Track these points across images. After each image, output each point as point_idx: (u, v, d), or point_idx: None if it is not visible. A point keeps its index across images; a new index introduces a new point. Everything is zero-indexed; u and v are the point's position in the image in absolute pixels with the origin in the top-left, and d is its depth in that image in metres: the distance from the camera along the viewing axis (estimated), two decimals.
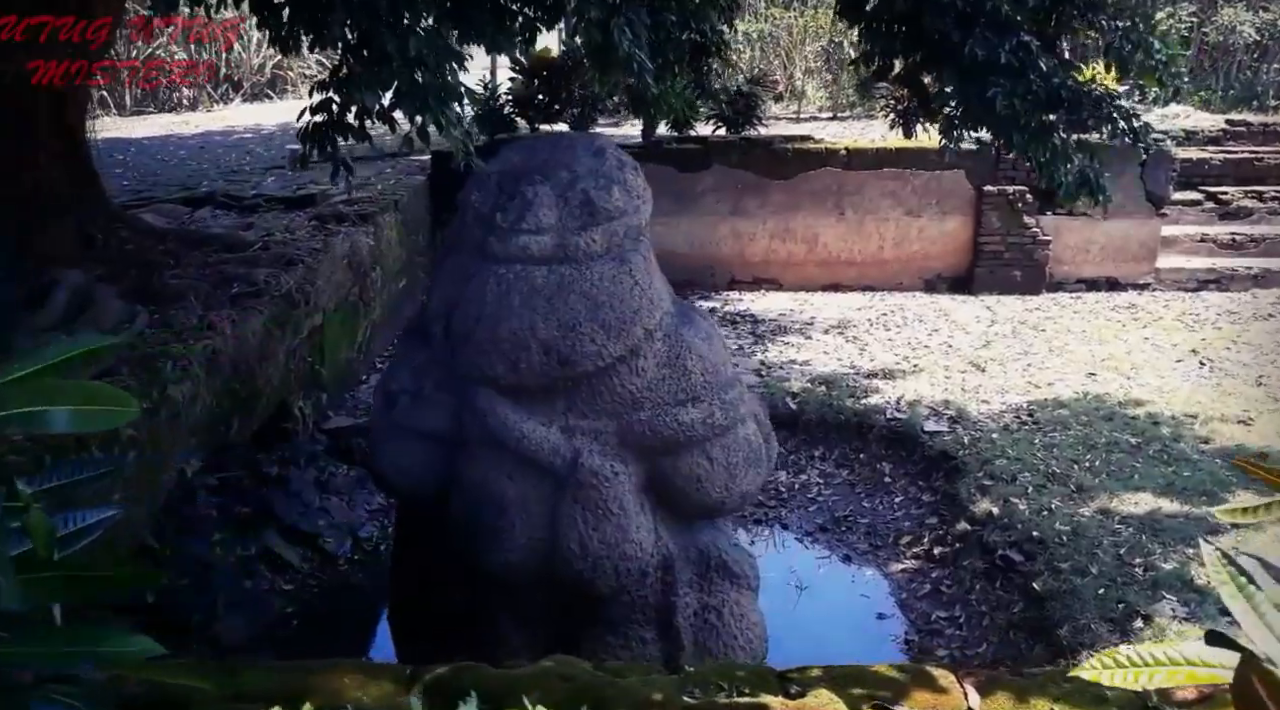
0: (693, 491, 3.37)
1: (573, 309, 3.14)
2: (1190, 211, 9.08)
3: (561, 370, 3.17)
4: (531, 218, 3.18)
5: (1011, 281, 8.28)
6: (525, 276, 3.17)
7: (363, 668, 1.51)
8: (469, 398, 3.31)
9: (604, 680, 1.46)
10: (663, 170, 8.45)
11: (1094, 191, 4.15)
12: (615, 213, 3.26)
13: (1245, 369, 6.33)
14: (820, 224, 8.54)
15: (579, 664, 1.61)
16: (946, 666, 1.56)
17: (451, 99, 3.04)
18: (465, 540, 3.44)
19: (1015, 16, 3.72)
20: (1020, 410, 5.51)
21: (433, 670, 1.48)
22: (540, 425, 3.25)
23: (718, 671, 1.52)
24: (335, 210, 6.31)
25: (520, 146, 3.48)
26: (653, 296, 3.27)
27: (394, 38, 2.77)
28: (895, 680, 1.41)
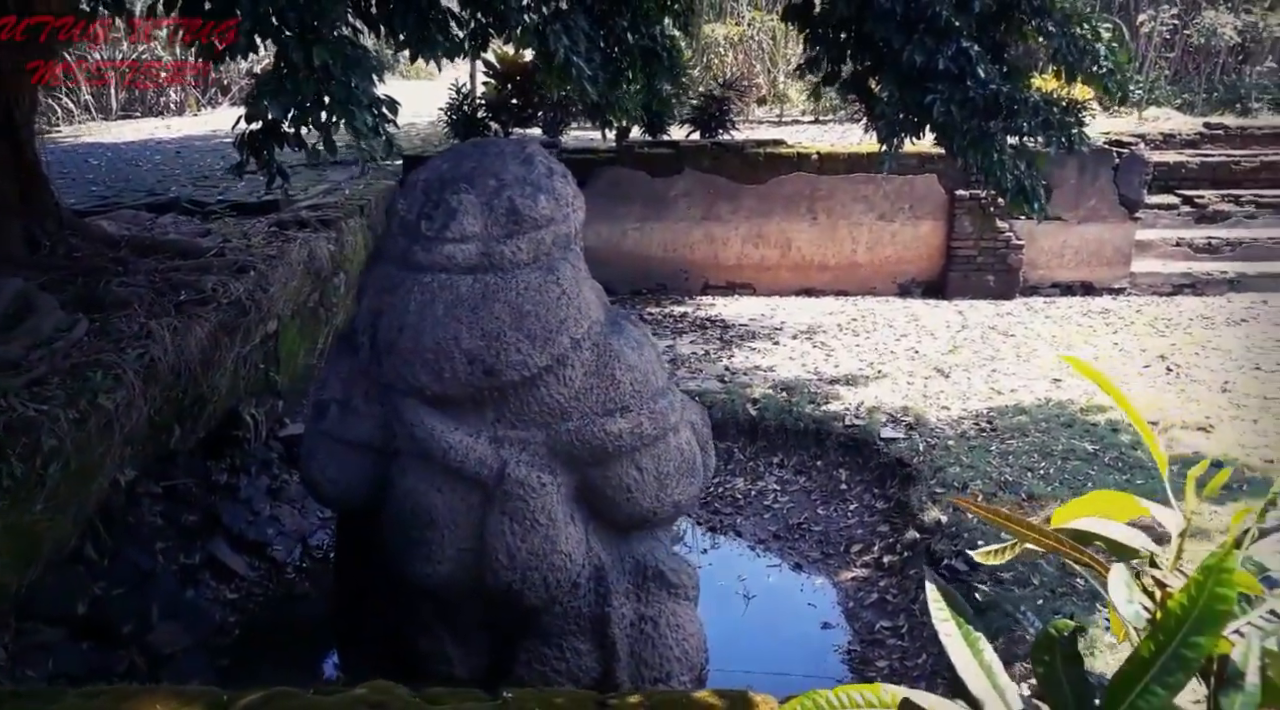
0: (623, 501, 3.34)
1: (498, 318, 3.11)
2: (1166, 215, 9.07)
3: (487, 380, 3.14)
4: (456, 226, 3.15)
5: (985, 286, 8.26)
6: (449, 285, 3.14)
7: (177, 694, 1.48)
8: (396, 408, 3.28)
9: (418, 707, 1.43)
10: (635, 175, 8.45)
11: (1029, 200, 4.12)
12: (542, 221, 3.22)
13: (1212, 375, 6.31)
14: (793, 228, 8.53)
15: (395, 689, 1.58)
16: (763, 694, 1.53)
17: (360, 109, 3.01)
18: (395, 551, 3.42)
19: (955, 23, 3.69)
20: (980, 417, 5.48)
21: (246, 696, 1.45)
22: (467, 436, 3.22)
23: (537, 699, 1.49)
24: (297, 216, 6.29)
25: (448, 154, 3.45)
26: (581, 305, 3.24)
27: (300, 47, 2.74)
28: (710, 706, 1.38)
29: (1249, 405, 5.73)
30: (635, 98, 5.31)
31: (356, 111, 2.97)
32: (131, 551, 4.00)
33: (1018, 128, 3.97)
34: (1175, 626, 0.90)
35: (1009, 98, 3.79)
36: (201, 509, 4.53)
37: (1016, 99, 3.82)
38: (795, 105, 13.43)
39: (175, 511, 4.45)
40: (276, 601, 4.41)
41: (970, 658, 0.99)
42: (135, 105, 14.67)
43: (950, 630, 1.03)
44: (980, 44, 4.19)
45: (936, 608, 1.07)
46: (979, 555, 1.34)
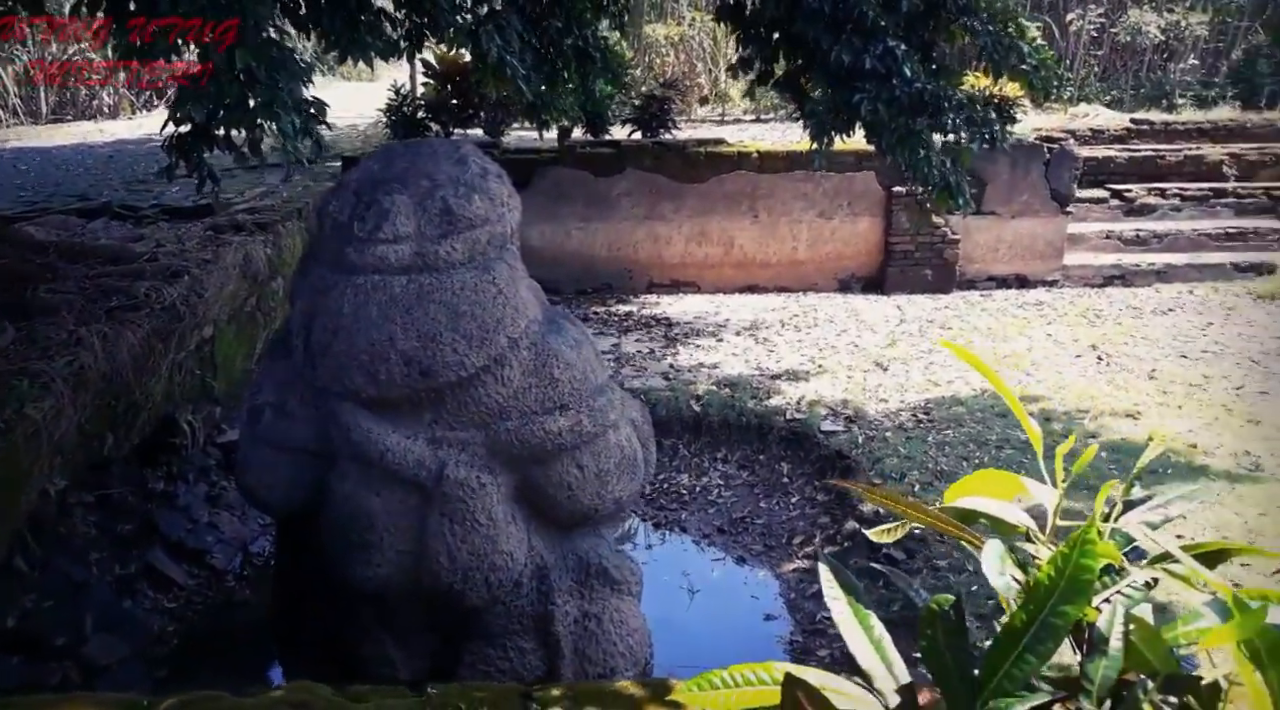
0: (564, 499, 3.35)
1: (433, 319, 3.11)
2: (1097, 209, 9.31)
3: (423, 381, 3.13)
4: (389, 227, 3.14)
5: (923, 280, 8.41)
6: (383, 287, 3.13)
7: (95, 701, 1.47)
8: (332, 412, 3.26)
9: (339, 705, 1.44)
10: (578, 174, 8.46)
11: (954, 195, 4.22)
12: (477, 221, 3.22)
13: (1140, 363, 6.49)
14: (735, 227, 8.60)
15: (317, 689, 1.59)
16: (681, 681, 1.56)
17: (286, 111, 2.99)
18: (334, 555, 3.39)
19: (881, 23, 3.77)
20: (917, 409, 5.59)
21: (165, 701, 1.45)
22: (405, 438, 3.21)
23: (459, 693, 1.51)
24: (233, 220, 6.20)
25: (379, 155, 3.44)
26: (517, 305, 3.25)
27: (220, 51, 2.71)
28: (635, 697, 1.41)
29: (1174, 392, 5.92)
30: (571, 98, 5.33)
31: (282, 114, 2.95)
32: (63, 562, 3.93)
33: (942, 125, 4.06)
34: (1044, 597, 0.95)
35: (934, 96, 3.87)
36: (138, 518, 4.46)
37: (941, 97, 3.91)
38: (737, 104, 13.54)
39: (110, 521, 4.37)
40: (217, 609, 4.35)
41: (860, 633, 1.03)
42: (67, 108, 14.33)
43: (841, 608, 1.07)
44: (909, 43, 4.28)
45: (828, 586, 1.10)
46: (873, 534, 1.39)
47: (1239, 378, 6.19)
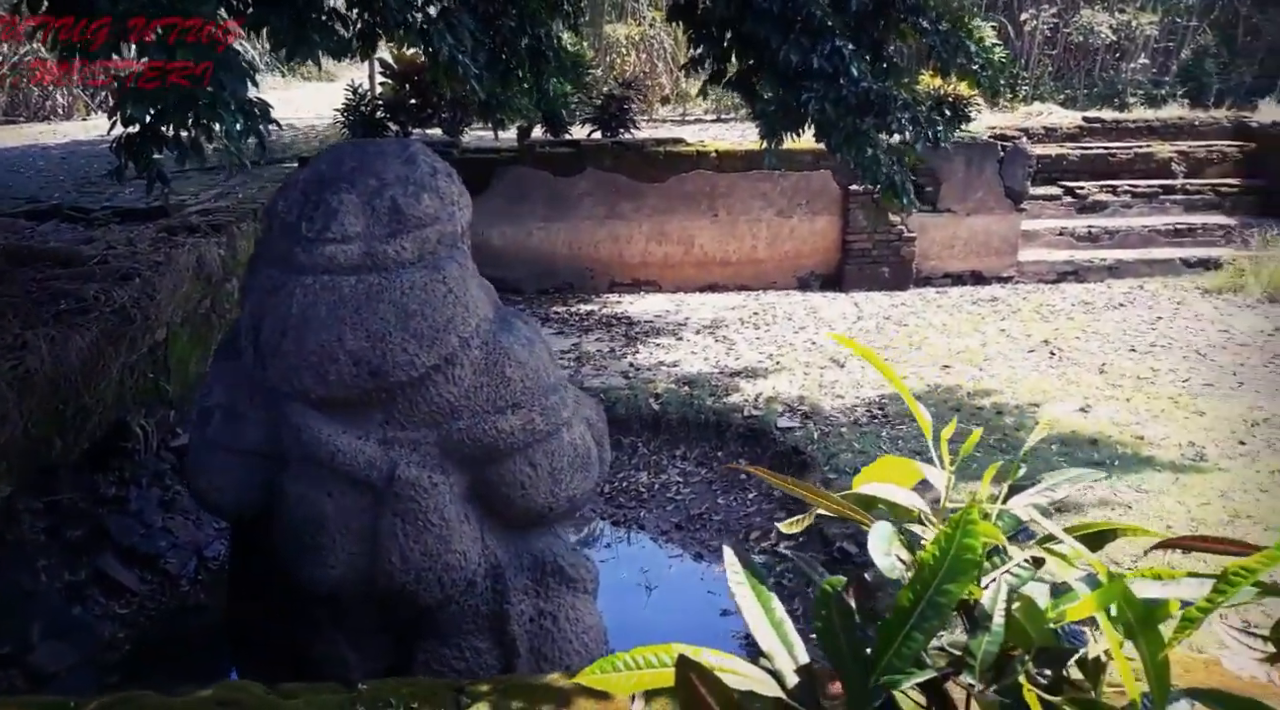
0: (518, 498, 3.36)
1: (382, 319, 3.10)
2: (1050, 206, 9.46)
3: (373, 381, 3.12)
4: (337, 226, 3.13)
5: (880, 278, 8.50)
6: (332, 287, 3.12)
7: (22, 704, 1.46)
8: (282, 413, 3.24)
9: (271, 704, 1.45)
10: (537, 174, 8.46)
11: (898, 194, 4.28)
12: (426, 220, 3.23)
13: (1091, 357, 6.61)
14: (695, 226, 8.64)
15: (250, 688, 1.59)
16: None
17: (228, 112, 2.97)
18: (287, 557, 3.38)
19: (828, 22, 3.81)
20: (872, 404, 5.65)
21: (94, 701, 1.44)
22: (355, 438, 3.20)
23: (390, 689, 1.52)
24: (186, 221, 6.14)
25: (328, 154, 3.43)
26: (468, 304, 3.25)
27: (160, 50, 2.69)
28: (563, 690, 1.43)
29: (1123, 385, 6.03)
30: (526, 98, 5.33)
31: (224, 114, 2.93)
32: (10, 570, 3.87)
33: (887, 124, 4.11)
34: (930, 576, 0.98)
35: (880, 95, 3.93)
36: (88, 523, 4.41)
37: (887, 96, 3.96)
38: (698, 104, 13.58)
39: (59, 527, 4.31)
40: (170, 615, 4.31)
41: (762, 615, 1.05)
42: (19, 110, 14.09)
43: (744, 593, 1.09)
44: (859, 43, 4.33)
45: (732, 572, 1.13)
46: (783, 526, 1.41)
47: (1185, 370, 6.32)
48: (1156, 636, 0.96)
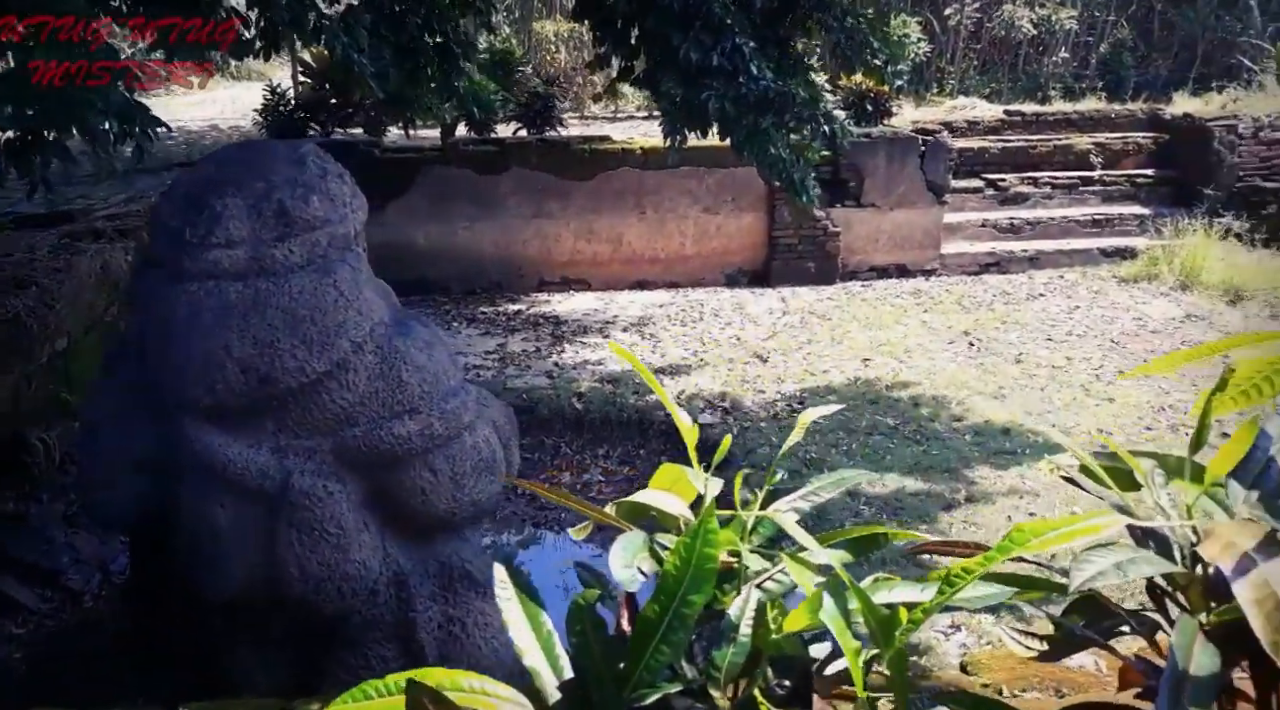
0: (418, 504, 3.31)
1: (270, 325, 3.03)
2: (973, 198, 9.60)
3: (263, 389, 3.05)
4: (221, 231, 3.05)
5: (806, 273, 8.55)
6: (217, 293, 3.04)
7: None
8: (171, 423, 3.15)
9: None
10: (462, 173, 8.37)
11: (798, 192, 4.30)
12: (316, 222, 3.16)
13: (1009, 347, 6.72)
14: (623, 223, 8.62)
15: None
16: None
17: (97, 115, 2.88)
18: (186, 570, 3.30)
19: (727, 20, 3.81)
20: (792, 398, 5.68)
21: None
22: (246, 448, 3.13)
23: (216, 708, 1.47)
24: (92, 226, 5.96)
25: (215, 157, 3.35)
26: (361, 307, 3.19)
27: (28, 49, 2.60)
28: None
29: (1039, 374, 6.14)
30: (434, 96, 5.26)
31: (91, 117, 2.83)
32: None
33: (786, 123, 4.13)
34: (674, 587, 0.97)
35: (779, 93, 3.93)
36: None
37: (787, 94, 3.97)
38: (630, 101, 13.55)
39: None
40: (72, 632, 4.18)
41: (528, 631, 1.04)
42: None
43: (511, 608, 1.07)
44: (764, 40, 4.34)
45: (500, 586, 1.11)
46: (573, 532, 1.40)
47: (1099, 359, 6.46)
48: (892, 640, 0.96)
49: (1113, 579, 0.84)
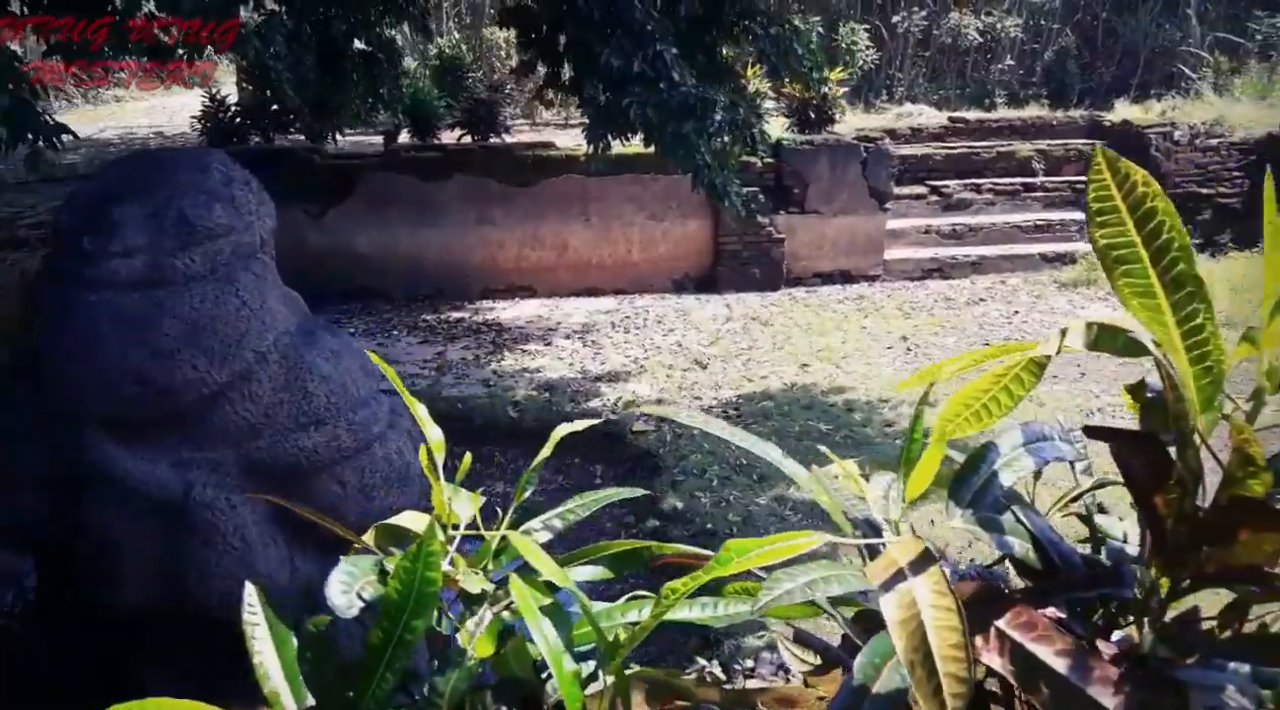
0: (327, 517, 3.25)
1: (169, 335, 2.97)
2: (916, 205, 9.69)
3: (162, 401, 2.99)
4: (119, 240, 2.99)
5: (751, 279, 8.58)
6: (115, 303, 2.98)
7: None
8: (71, 437, 3.08)
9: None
10: (404, 179, 8.31)
11: (720, 197, 4.31)
12: (218, 231, 3.10)
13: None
14: (568, 230, 8.60)
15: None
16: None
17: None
18: (90, 585, 3.22)
19: (648, 27, 3.81)
20: (729, 404, 5.69)
21: None
22: (147, 461, 3.06)
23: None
24: (13, 235, 5.83)
25: (116, 165, 3.29)
26: (265, 317, 3.14)
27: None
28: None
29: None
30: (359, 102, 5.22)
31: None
32: None
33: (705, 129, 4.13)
34: (396, 613, 0.96)
35: (699, 100, 3.94)
36: None
37: (706, 101, 3.98)
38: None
39: None
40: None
41: (274, 655, 1.02)
42: None
43: (258, 633, 1.05)
44: (690, 47, 4.34)
45: (249, 610, 1.09)
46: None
47: None
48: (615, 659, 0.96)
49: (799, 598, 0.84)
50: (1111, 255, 0.78)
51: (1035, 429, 1.08)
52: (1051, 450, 1.03)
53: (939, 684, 0.69)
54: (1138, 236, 0.75)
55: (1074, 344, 0.93)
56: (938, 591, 0.76)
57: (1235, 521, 0.73)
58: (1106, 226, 0.77)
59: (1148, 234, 0.75)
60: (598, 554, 1.24)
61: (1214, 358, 0.80)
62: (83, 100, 15.69)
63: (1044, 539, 0.90)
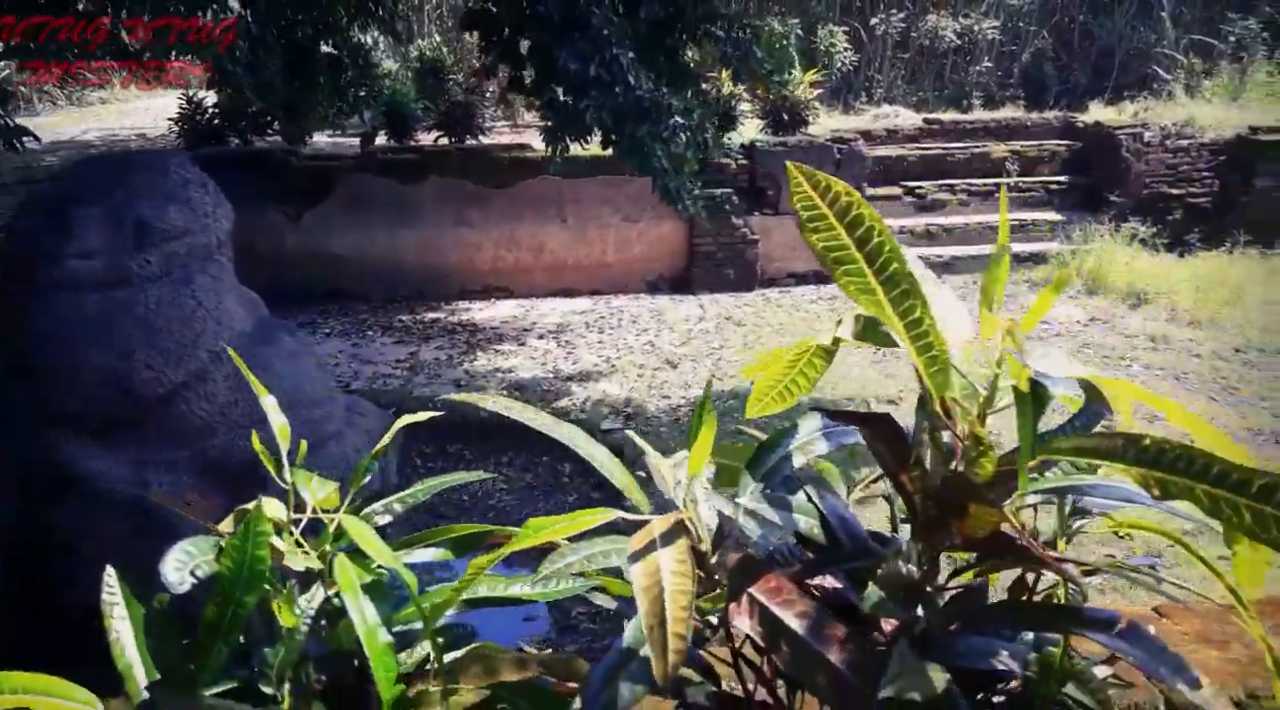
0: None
1: (127, 335, 3.04)
2: (891, 206, 9.76)
3: (121, 400, 3.05)
4: (77, 242, 3.05)
5: (726, 280, 8.65)
6: (75, 304, 3.04)
7: None
8: (33, 436, 3.14)
9: None
10: (381, 181, 8.35)
11: (674, 200, 4.38)
12: (174, 232, 3.17)
13: None
14: (545, 231, 8.65)
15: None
16: None
17: None
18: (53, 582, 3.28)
19: (604, 32, 3.87)
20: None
21: None
22: (108, 459, 3.12)
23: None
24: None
25: (76, 168, 3.34)
26: (220, 317, 3.20)
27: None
28: None
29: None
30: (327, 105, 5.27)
31: None
32: None
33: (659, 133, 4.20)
34: (229, 589, 1.02)
35: (653, 103, 4.00)
36: None
37: (660, 105, 4.04)
38: None
39: None
40: None
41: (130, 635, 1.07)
42: None
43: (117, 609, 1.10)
44: (654, 50, 4.40)
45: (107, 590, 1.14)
46: None
47: None
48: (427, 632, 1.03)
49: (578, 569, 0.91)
50: (830, 256, 0.86)
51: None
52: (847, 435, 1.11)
53: (667, 643, 0.77)
54: (850, 240, 0.83)
55: (845, 335, 1.01)
56: (678, 561, 0.84)
57: (960, 498, 0.81)
58: (819, 231, 0.85)
59: (858, 239, 0.83)
60: (441, 537, 1.30)
61: (937, 348, 0.88)
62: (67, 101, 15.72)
63: (832, 517, 0.97)
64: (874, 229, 0.83)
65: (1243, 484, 0.64)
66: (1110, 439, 0.75)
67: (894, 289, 0.85)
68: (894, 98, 13.49)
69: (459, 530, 1.30)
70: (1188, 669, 0.70)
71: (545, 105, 4.16)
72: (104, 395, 3.00)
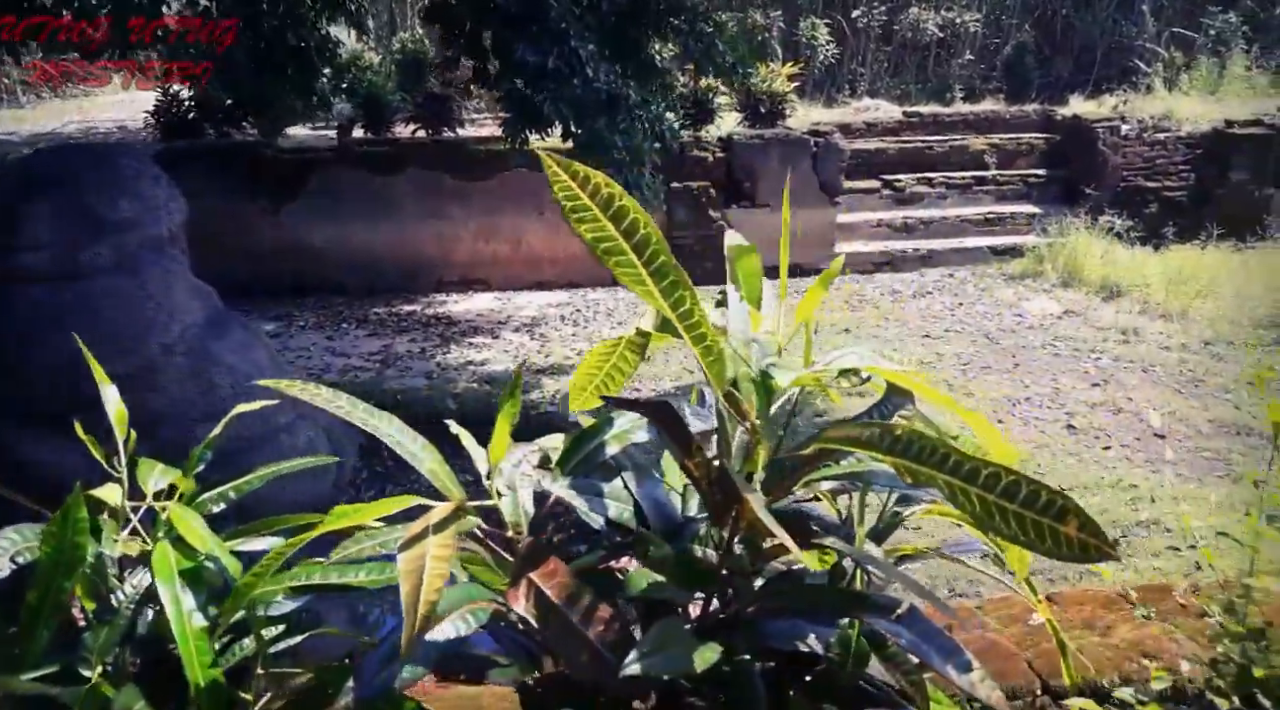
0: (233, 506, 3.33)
1: (76, 327, 3.04)
2: (869, 198, 9.80)
3: (70, 392, 3.06)
4: (26, 235, 3.06)
5: (703, 272, 8.62)
6: (24, 296, 3.05)
7: None
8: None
9: None
10: (357, 174, 8.35)
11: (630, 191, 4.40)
12: (124, 224, 3.18)
13: (885, 344, 6.90)
14: (523, 224, 8.66)
15: None
16: None
17: None
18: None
19: (563, 25, 3.88)
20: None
21: None
22: (57, 451, 3.13)
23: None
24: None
25: (26, 161, 3.35)
26: (171, 309, 3.21)
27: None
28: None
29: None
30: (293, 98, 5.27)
31: None
32: None
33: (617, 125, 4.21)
34: (49, 574, 1.05)
35: (611, 96, 4.01)
36: None
37: (618, 97, 4.05)
38: None
39: None
40: None
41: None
42: None
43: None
44: (618, 43, 4.41)
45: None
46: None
47: (970, 354, 6.65)
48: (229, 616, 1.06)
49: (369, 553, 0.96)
50: (600, 247, 0.88)
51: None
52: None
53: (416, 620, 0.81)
54: (617, 232, 0.85)
55: (646, 327, 1.05)
56: (441, 546, 0.88)
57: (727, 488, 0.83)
58: (584, 222, 0.87)
59: (625, 231, 0.85)
60: (277, 527, 1.33)
61: (710, 338, 0.91)
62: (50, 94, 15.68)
63: (646, 503, 0.99)
64: (639, 221, 0.85)
65: (973, 474, 0.67)
66: (869, 429, 0.77)
67: (663, 280, 0.87)
68: (877, 91, 13.51)
69: (292, 520, 1.32)
70: (960, 654, 0.72)
71: (505, 97, 4.17)
72: (53, 387, 3.01)
